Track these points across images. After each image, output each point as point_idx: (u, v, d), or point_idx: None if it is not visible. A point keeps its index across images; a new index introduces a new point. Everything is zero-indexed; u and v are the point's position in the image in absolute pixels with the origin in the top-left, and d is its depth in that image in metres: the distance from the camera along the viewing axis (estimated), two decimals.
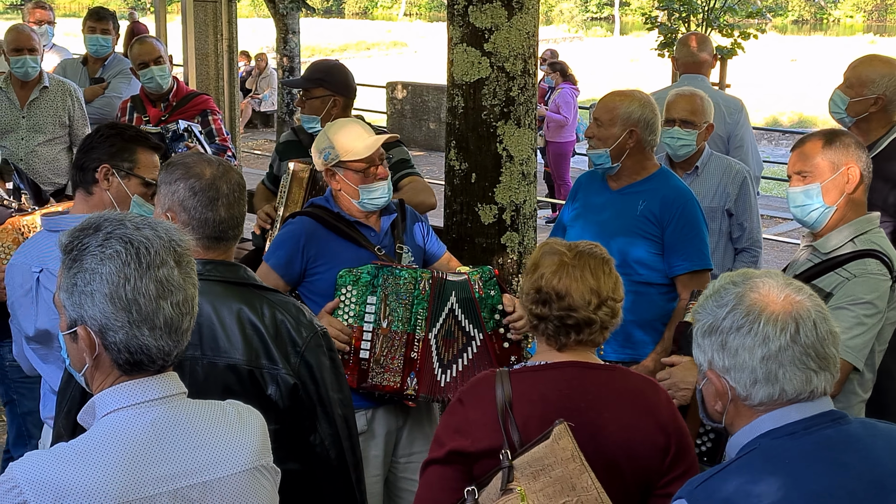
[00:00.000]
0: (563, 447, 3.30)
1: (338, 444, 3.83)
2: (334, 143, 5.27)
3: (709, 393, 3.01)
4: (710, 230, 6.65)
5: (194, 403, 2.86)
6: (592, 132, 5.66)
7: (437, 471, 3.57)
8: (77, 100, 8.69)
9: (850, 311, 4.44)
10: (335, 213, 5.27)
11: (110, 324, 2.66)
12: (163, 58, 8.16)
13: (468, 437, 3.52)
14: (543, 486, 3.31)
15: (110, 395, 2.73)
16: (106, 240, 2.68)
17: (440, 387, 5.06)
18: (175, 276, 2.72)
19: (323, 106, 6.47)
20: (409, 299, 5.03)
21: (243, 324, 3.69)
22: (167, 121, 7.91)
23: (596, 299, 3.57)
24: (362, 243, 5.21)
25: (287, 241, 5.25)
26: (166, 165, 3.87)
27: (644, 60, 34.94)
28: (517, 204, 6.50)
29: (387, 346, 5.02)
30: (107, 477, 2.57)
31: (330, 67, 6.76)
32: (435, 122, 22.97)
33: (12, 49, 8.45)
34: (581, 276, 3.57)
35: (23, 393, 6.09)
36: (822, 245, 4.66)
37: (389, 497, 5.42)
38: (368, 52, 52.62)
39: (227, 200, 3.76)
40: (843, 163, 4.58)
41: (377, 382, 5.02)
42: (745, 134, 7.93)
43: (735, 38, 17.58)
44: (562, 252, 3.64)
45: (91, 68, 9.90)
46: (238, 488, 2.80)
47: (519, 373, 3.63)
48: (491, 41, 6.32)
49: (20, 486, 2.55)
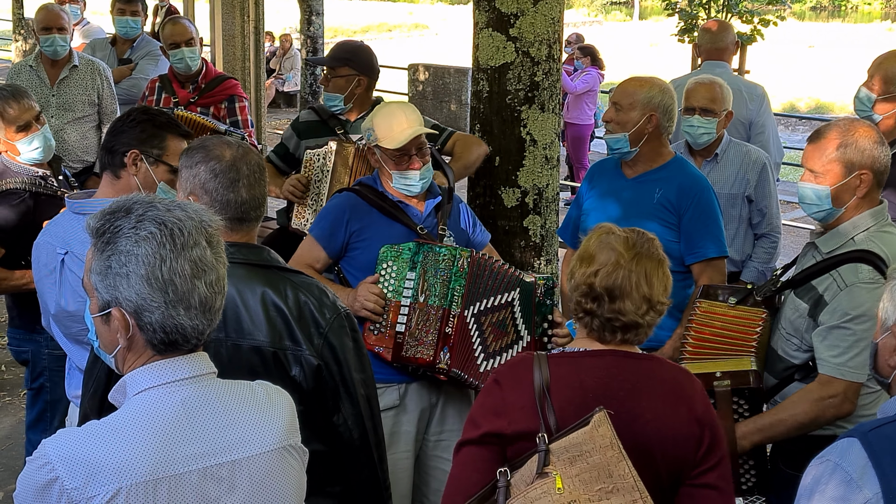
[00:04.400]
0: (602, 434, 3.29)
1: (360, 424, 3.86)
2: (374, 126, 5.34)
3: (887, 347, 3.15)
4: (730, 217, 6.70)
5: (224, 383, 2.89)
6: (610, 116, 5.67)
7: (471, 451, 3.56)
8: (106, 78, 8.76)
9: (846, 329, 4.35)
10: (379, 191, 5.33)
11: (146, 305, 2.69)
12: (194, 39, 8.21)
13: (504, 418, 3.50)
14: (580, 472, 3.29)
15: (142, 375, 2.77)
16: (139, 221, 2.70)
17: (479, 373, 5.10)
18: (208, 255, 2.76)
19: (347, 85, 6.56)
20: (447, 275, 5.09)
21: (267, 306, 3.72)
22: (196, 103, 7.96)
23: (647, 305, 3.55)
24: (404, 221, 5.26)
25: (331, 214, 5.33)
26: (186, 150, 3.90)
27: (663, 45, 34.82)
28: (540, 188, 6.52)
29: (422, 319, 5.08)
30: (137, 454, 2.61)
31: (356, 48, 6.84)
32: (456, 104, 22.90)
33: (42, 28, 8.53)
34: (636, 284, 3.53)
35: (56, 382, 6.08)
36: (823, 244, 4.57)
37: (419, 474, 5.45)
38: (390, 34, 52.45)
39: (247, 181, 3.78)
40: (857, 167, 4.42)
41: (410, 355, 5.07)
42: (766, 120, 7.93)
43: (755, 24, 17.54)
44: (619, 252, 3.57)
45: (119, 49, 9.97)
46: (266, 467, 2.84)
47: (557, 357, 3.61)
48: (516, 26, 6.33)
49: (52, 462, 2.59)
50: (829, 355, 4.39)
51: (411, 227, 5.26)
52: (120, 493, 2.57)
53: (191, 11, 12.62)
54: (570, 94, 16.94)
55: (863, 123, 4.53)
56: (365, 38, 46.39)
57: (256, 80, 12.40)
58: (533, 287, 5.23)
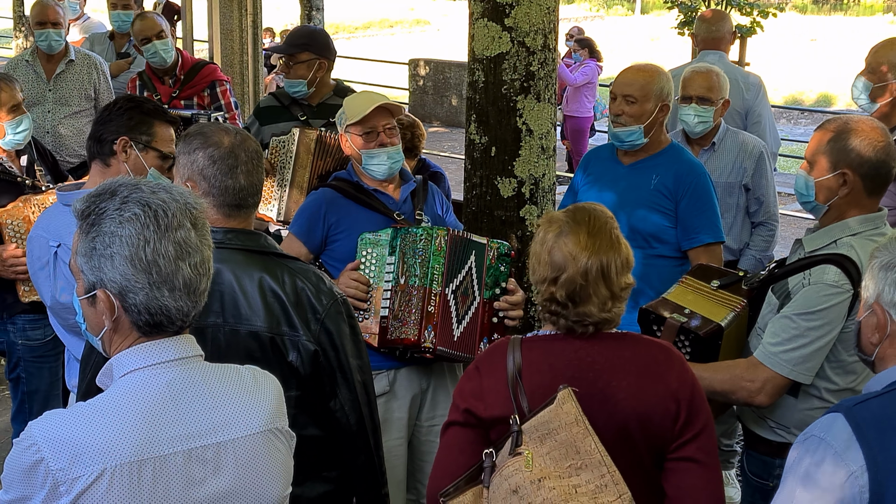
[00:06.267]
0: (566, 411, 3.33)
1: (357, 410, 3.89)
2: (344, 108, 5.42)
3: (869, 325, 3.16)
4: (728, 205, 6.70)
5: (210, 366, 2.90)
6: (622, 109, 5.64)
7: (457, 432, 3.61)
8: (103, 73, 8.77)
9: (791, 321, 4.23)
10: (354, 182, 5.37)
11: (130, 286, 2.69)
12: (164, 32, 8.22)
13: (482, 402, 3.55)
14: (550, 450, 3.33)
15: (127, 357, 2.78)
16: (123, 203, 2.71)
17: (454, 341, 5.10)
18: (192, 237, 2.76)
19: (309, 70, 6.72)
20: (425, 255, 5.09)
21: (264, 291, 3.73)
22: (179, 97, 7.98)
23: (611, 301, 3.54)
24: (380, 209, 5.28)
25: (308, 209, 5.37)
26: (185, 136, 3.90)
27: (665, 39, 34.75)
28: (536, 178, 6.51)
29: (404, 300, 5.08)
30: (122, 435, 2.62)
31: (312, 31, 7.06)
32: (457, 98, 22.96)
33: (36, 22, 8.53)
34: (595, 288, 3.51)
35: (31, 372, 6.17)
36: (808, 243, 4.45)
37: (413, 460, 5.46)
38: (391, 30, 52.41)
39: (245, 168, 3.79)
40: (841, 166, 4.27)
41: (395, 337, 5.07)
42: (762, 110, 7.92)
43: (754, 16, 17.53)
44: (574, 254, 3.51)
45: (117, 43, 10.03)
46: (252, 450, 2.84)
47: (530, 341, 3.63)
48: (511, 16, 6.32)
49: (38, 443, 2.60)
50: (768, 341, 4.31)
51: (388, 214, 5.29)
52: (104, 473, 2.57)
53: (189, 7, 12.57)
54: (570, 87, 16.95)
55: (869, 124, 4.35)
56: (366, 33, 46.49)
57: (255, 75, 12.38)
58: (484, 247, 5.22)
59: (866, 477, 2.84)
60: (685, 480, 3.51)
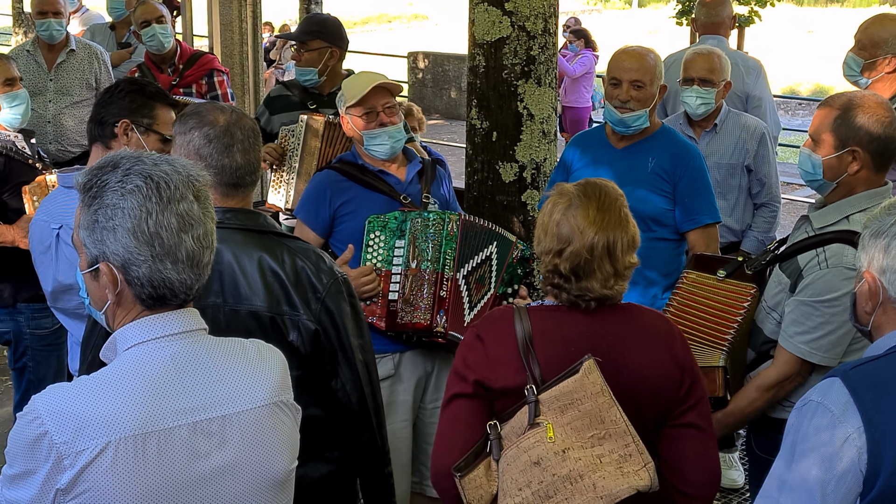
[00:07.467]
0: (592, 381, 3.34)
1: (359, 389, 3.87)
2: (343, 90, 5.41)
3: (862, 294, 3.22)
4: (730, 186, 6.71)
5: (215, 339, 2.88)
6: (631, 95, 5.54)
7: (464, 405, 3.56)
8: (104, 63, 8.80)
9: (815, 309, 4.20)
10: (359, 164, 5.35)
11: (133, 258, 2.68)
12: (164, 17, 8.26)
13: (490, 373, 3.52)
14: (571, 420, 3.33)
15: (131, 330, 2.76)
16: (126, 175, 2.69)
17: (465, 327, 5.05)
18: (195, 210, 2.74)
19: (320, 58, 6.66)
20: (438, 240, 5.08)
21: (264, 271, 3.72)
22: (179, 85, 7.99)
23: (613, 279, 3.54)
24: (386, 191, 5.27)
25: (312, 193, 5.36)
26: (180, 116, 3.89)
27: (662, 32, 34.79)
28: (538, 162, 6.51)
29: (416, 285, 5.06)
30: (126, 408, 2.60)
31: (325, 20, 6.96)
32: (456, 90, 22.99)
33: (37, 12, 8.57)
34: (600, 263, 3.51)
35: (38, 361, 6.16)
36: (816, 219, 4.39)
37: (418, 443, 5.45)
38: (390, 25, 52.47)
39: (242, 146, 3.77)
40: (851, 144, 4.23)
41: (407, 321, 5.05)
42: (762, 94, 7.91)
43: (752, 6, 17.57)
44: (582, 228, 3.50)
45: (118, 33, 10.08)
46: (258, 422, 2.82)
47: (538, 311, 3.62)
48: (512, 0, 6.32)
49: (41, 416, 2.59)
50: (795, 331, 4.28)
51: (394, 195, 5.27)
52: (109, 446, 2.55)
53: (189, 2, 12.58)
54: (568, 78, 16.94)
55: (874, 99, 4.32)
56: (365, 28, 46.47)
57: (255, 68, 12.39)
58: (511, 244, 5.25)
59: (864, 438, 2.88)
60: (686, 446, 3.58)
